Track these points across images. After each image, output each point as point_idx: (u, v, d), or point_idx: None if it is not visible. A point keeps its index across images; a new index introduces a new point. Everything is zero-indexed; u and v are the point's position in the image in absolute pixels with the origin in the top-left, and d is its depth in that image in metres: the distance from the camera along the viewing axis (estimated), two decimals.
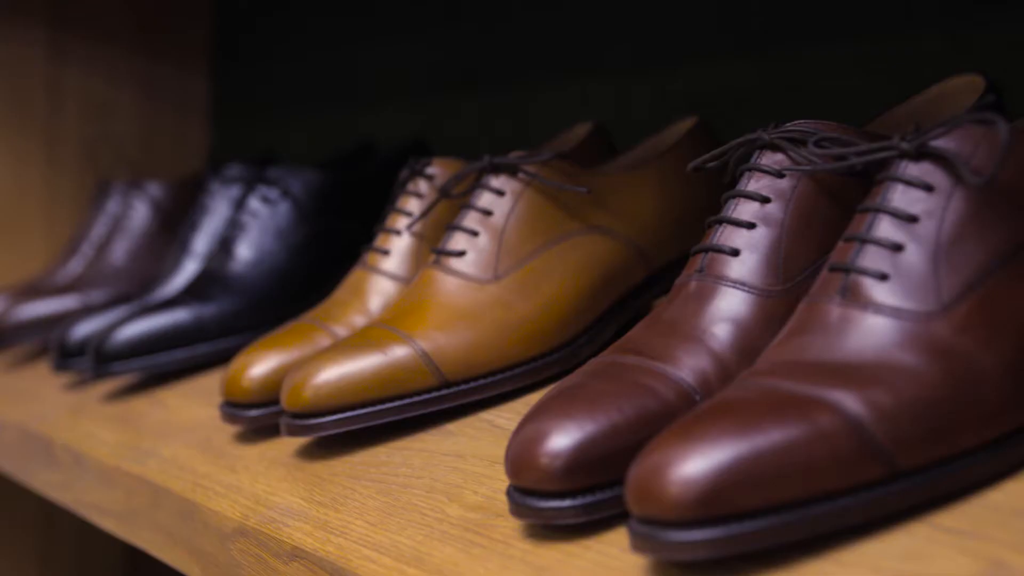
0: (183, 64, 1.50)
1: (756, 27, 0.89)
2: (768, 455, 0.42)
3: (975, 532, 0.42)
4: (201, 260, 0.98)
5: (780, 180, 0.54)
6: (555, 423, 0.50)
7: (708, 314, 0.53)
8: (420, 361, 0.66)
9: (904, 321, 0.46)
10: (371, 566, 0.53)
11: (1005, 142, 0.45)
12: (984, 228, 0.47)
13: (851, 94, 0.82)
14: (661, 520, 0.43)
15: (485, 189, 0.71)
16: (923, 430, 0.44)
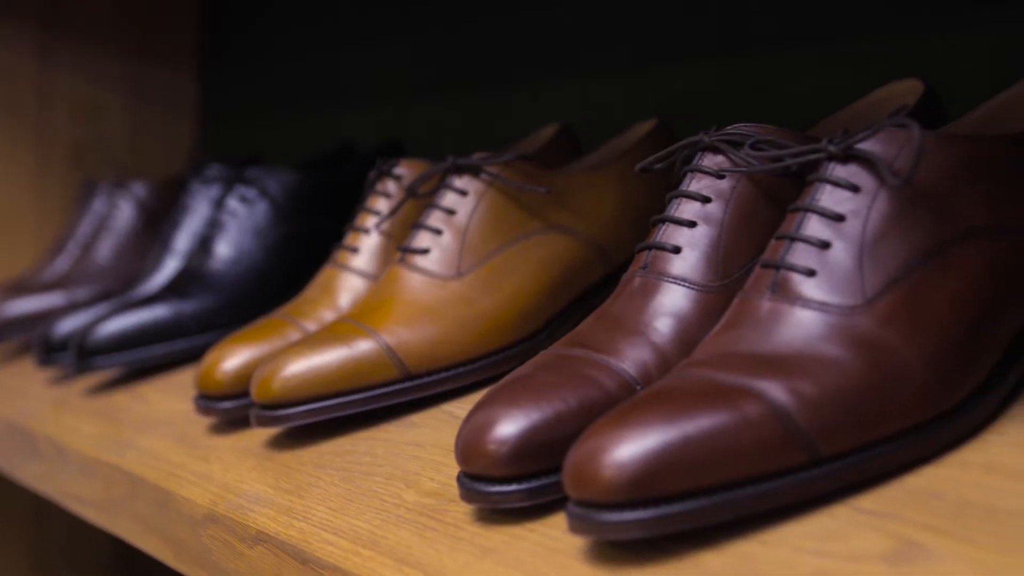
0: (172, 66, 1.52)
1: (721, 32, 0.91)
2: (696, 441, 0.44)
3: (892, 513, 0.44)
4: (182, 258, 1.00)
5: (720, 181, 0.56)
6: (502, 412, 0.52)
7: (650, 309, 0.55)
8: (384, 355, 0.68)
9: (830, 315, 0.48)
10: (329, 548, 0.55)
11: (918, 145, 0.47)
12: (907, 227, 0.49)
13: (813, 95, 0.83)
14: (596, 503, 0.45)
15: (449, 189, 0.72)
16: (845, 418, 0.46)
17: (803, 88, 0.84)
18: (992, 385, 0.49)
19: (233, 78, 1.56)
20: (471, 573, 0.48)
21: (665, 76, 0.95)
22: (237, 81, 1.56)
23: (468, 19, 1.18)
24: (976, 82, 0.65)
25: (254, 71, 1.55)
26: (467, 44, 1.19)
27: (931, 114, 0.61)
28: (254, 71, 1.55)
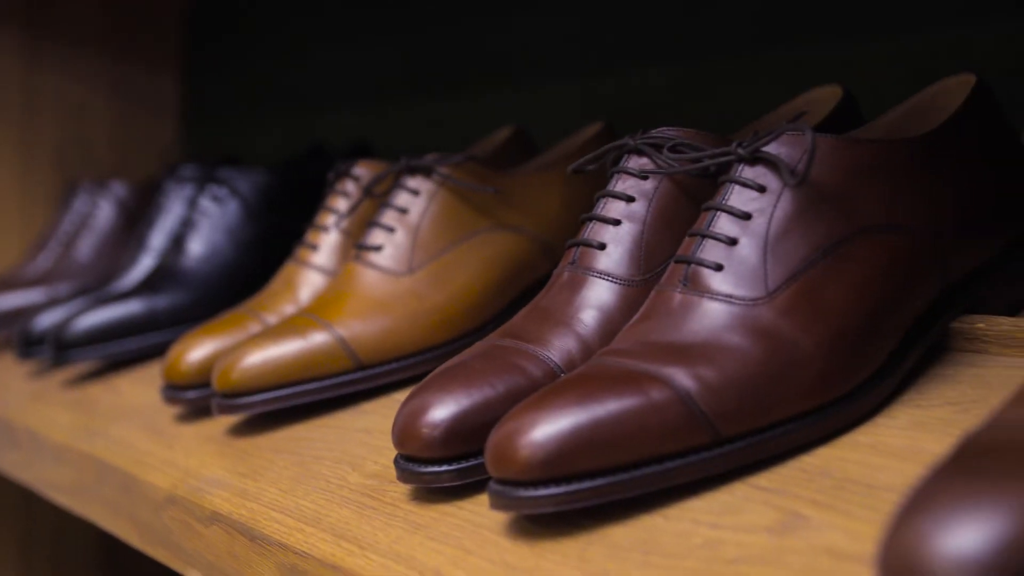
0: (155, 69, 1.55)
1: (672, 39, 0.94)
2: (605, 423, 0.48)
3: (784, 490, 0.47)
4: (156, 255, 1.03)
5: (644, 181, 0.60)
6: (435, 398, 0.55)
7: (577, 302, 0.58)
8: (338, 346, 0.71)
9: (734, 306, 0.51)
10: (276, 526, 0.58)
11: (810, 148, 0.50)
12: (807, 225, 0.52)
13: (752, 99, 0.87)
14: (514, 480, 0.48)
15: (402, 189, 0.76)
16: (744, 402, 0.49)
17: (743, 92, 0.87)
18: (886, 372, 0.52)
19: (215, 80, 1.59)
20: (401, 547, 0.52)
21: (619, 81, 0.98)
22: (219, 83, 1.59)
23: (441, 23, 1.21)
24: (900, 87, 0.69)
25: (236, 73, 1.58)
26: (439, 48, 1.22)
27: (849, 118, 0.64)
28: (236, 73, 1.58)
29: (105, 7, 1.49)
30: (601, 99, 1.00)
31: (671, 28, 0.95)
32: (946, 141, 0.56)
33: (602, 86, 1.00)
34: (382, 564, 0.51)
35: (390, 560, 0.51)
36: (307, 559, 0.55)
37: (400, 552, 0.51)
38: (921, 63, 0.74)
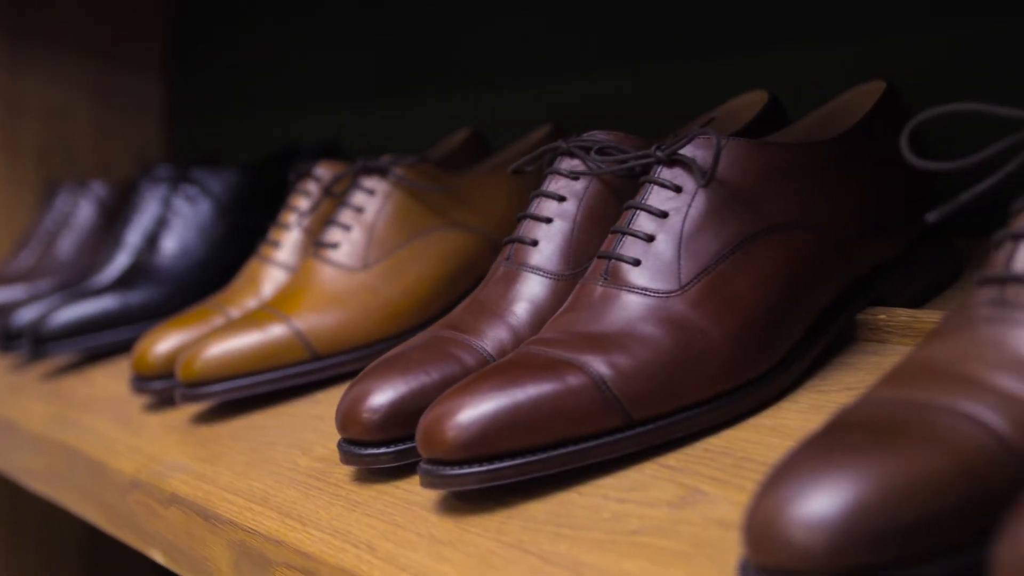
0: (138, 71, 1.59)
1: (628, 44, 0.98)
2: (525, 407, 0.51)
3: (688, 468, 0.51)
4: (131, 253, 1.06)
5: (575, 182, 0.63)
6: (375, 385, 0.59)
7: (510, 295, 0.62)
8: (295, 338, 0.74)
9: (649, 298, 0.54)
10: (228, 506, 0.62)
11: (716, 151, 0.54)
12: (720, 222, 0.56)
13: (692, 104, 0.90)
14: (441, 460, 0.52)
15: (359, 189, 0.79)
16: (655, 388, 0.52)
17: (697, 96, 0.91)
18: (791, 360, 0.56)
19: (197, 83, 1.63)
20: (340, 523, 0.55)
21: (572, 85, 1.02)
22: (201, 85, 1.62)
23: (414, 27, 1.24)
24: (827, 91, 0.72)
25: (218, 76, 1.61)
26: (413, 51, 1.26)
27: (773, 121, 0.67)
28: (218, 76, 1.61)
29: (89, 12, 1.52)
30: (563, 103, 1.04)
31: (628, 34, 0.98)
32: (854, 144, 0.59)
33: (566, 89, 1.03)
34: (321, 538, 0.54)
35: (328, 535, 0.54)
36: (254, 535, 0.58)
37: (338, 527, 0.55)
38: (849, 70, 0.77)
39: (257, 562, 0.58)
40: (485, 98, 1.15)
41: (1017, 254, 0.41)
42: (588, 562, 0.45)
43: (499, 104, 1.13)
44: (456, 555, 0.49)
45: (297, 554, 0.54)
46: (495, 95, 1.13)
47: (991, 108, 0.43)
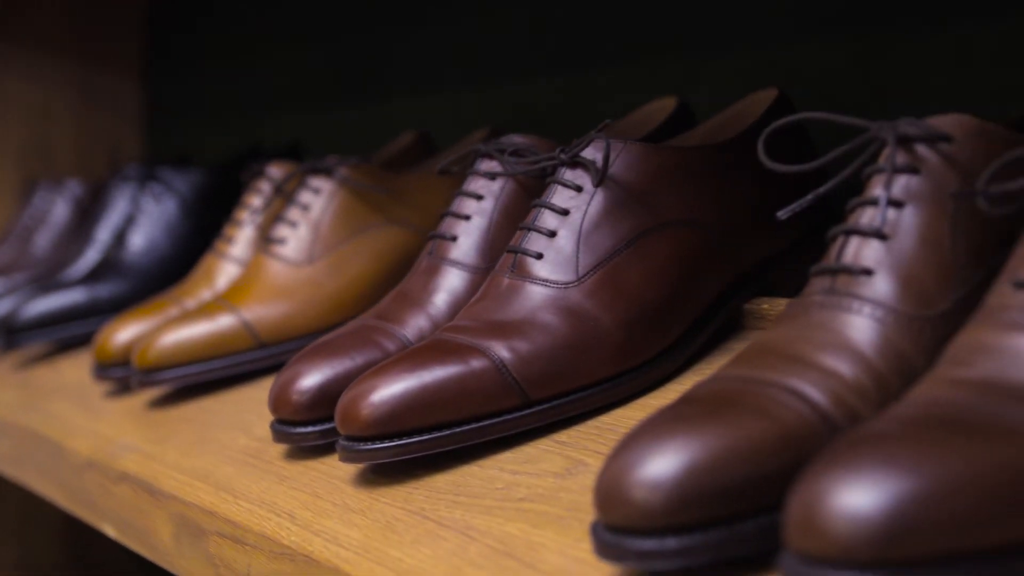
0: (117, 73, 1.63)
1: (558, 51, 1.02)
2: (431, 388, 0.56)
3: (577, 443, 0.55)
4: (101, 249, 1.11)
5: (492, 182, 0.68)
6: (304, 369, 0.63)
7: (431, 286, 0.66)
8: (243, 328, 0.79)
9: (550, 289, 0.59)
10: (172, 482, 0.66)
11: (605, 154, 0.58)
12: (616, 219, 0.60)
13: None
14: (357, 437, 0.56)
15: (306, 188, 0.84)
16: (551, 371, 0.57)
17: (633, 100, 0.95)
18: (680, 346, 0.60)
19: (174, 84, 1.67)
20: (267, 495, 0.60)
21: (517, 90, 1.06)
22: (178, 87, 1.67)
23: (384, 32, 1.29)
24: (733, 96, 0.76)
25: (194, 77, 1.65)
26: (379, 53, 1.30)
27: (681, 125, 0.72)
28: (194, 77, 1.65)
29: (68, 14, 1.56)
30: (500, 106, 1.08)
31: (568, 39, 1.03)
32: (743, 148, 0.64)
33: (501, 94, 1.08)
34: (249, 509, 0.59)
35: (255, 506, 0.59)
36: (192, 508, 0.63)
37: (265, 499, 0.59)
38: (753, 77, 0.82)
39: (193, 532, 0.62)
40: (447, 100, 1.20)
41: (846, 248, 0.46)
42: (476, 525, 0.50)
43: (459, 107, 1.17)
44: (365, 521, 0.54)
45: (227, 523, 0.59)
46: (454, 98, 1.18)
47: (834, 116, 0.48)
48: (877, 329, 0.44)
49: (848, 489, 0.34)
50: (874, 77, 0.78)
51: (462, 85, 1.17)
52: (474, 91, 1.15)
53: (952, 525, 0.34)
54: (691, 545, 0.40)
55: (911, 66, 0.76)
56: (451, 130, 1.04)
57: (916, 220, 0.45)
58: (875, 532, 0.34)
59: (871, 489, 0.34)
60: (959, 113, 0.47)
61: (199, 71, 1.64)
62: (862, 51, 0.79)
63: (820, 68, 0.81)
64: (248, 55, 1.54)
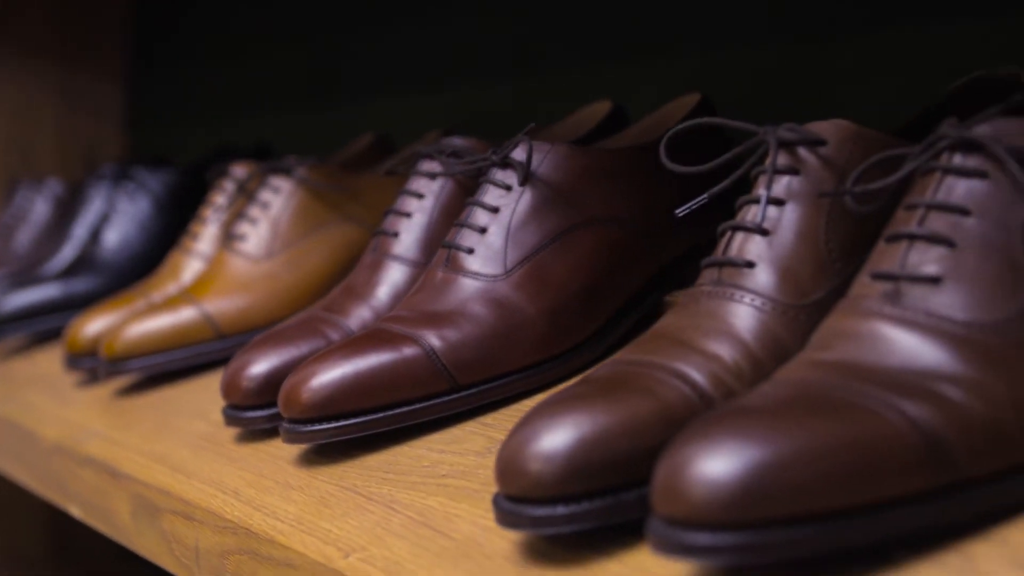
0: (99, 74, 1.66)
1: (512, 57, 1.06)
2: (366, 374, 0.59)
3: (501, 425, 0.59)
4: (77, 246, 1.14)
5: (433, 181, 0.71)
6: (253, 357, 0.67)
7: (374, 280, 0.70)
8: (204, 321, 0.83)
9: (479, 281, 0.63)
10: (132, 465, 0.70)
11: (528, 154, 0.62)
12: (543, 216, 0.64)
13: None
14: (298, 419, 0.60)
15: (267, 187, 0.87)
16: (478, 358, 0.61)
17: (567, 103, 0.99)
18: (602, 335, 0.64)
19: (156, 85, 1.70)
20: (216, 475, 0.63)
21: (471, 94, 1.10)
22: (159, 88, 1.70)
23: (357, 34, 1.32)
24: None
25: (175, 79, 1.69)
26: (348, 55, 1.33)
27: (615, 127, 0.76)
28: (175, 79, 1.69)
29: (50, 19, 1.60)
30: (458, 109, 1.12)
31: (519, 45, 1.06)
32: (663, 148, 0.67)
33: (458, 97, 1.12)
34: (199, 488, 0.63)
35: (206, 485, 0.63)
36: (148, 488, 0.66)
37: (214, 478, 0.63)
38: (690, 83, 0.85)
39: (149, 510, 0.66)
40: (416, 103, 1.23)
41: (732, 242, 0.49)
42: (400, 499, 0.54)
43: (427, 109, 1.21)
44: (302, 497, 0.57)
45: (179, 501, 0.63)
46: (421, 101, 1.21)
47: (725, 122, 0.52)
48: (757, 317, 0.47)
49: (706, 458, 0.38)
50: (799, 82, 0.82)
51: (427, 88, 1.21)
52: (436, 94, 1.19)
53: (799, 491, 0.38)
54: (579, 512, 0.43)
55: (835, 70, 0.80)
56: (419, 132, 1.07)
57: (795, 217, 0.49)
58: (728, 497, 0.37)
59: (726, 458, 0.38)
60: (840, 119, 0.50)
61: (179, 74, 1.67)
62: (790, 56, 0.82)
63: (751, 72, 0.84)
64: (227, 58, 1.58)
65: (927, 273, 0.42)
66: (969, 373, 0.40)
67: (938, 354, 0.41)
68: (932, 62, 0.75)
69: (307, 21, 1.41)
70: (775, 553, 0.37)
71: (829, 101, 0.81)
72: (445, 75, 1.17)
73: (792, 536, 0.38)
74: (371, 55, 1.29)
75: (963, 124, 0.44)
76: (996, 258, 0.42)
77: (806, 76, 0.82)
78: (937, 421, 0.39)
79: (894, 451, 0.38)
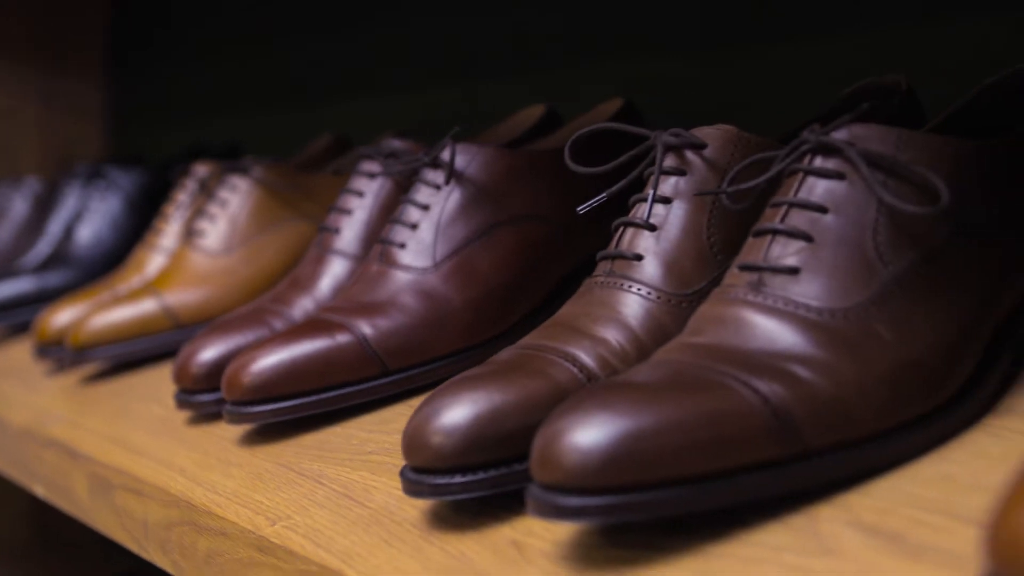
0: (79, 77, 1.70)
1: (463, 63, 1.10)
2: (301, 360, 0.63)
3: None
4: (51, 242, 1.18)
5: (372, 180, 0.75)
6: (202, 345, 0.71)
7: (318, 273, 0.74)
8: (163, 312, 0.87)
9: (410, 274, 0.67)
10: (90, 446, 0.74)
11: (451, 155, 0.66)
12: (470, 213, 0.68)
13: None
14: (239, 401, 0.64)
15: (225, 185, 0.91)
16: (407, 344, 0.65)
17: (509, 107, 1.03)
18: (523, 325, 0.68)
19: (134, 87, 1.74)
20: (166, 454, 0.67)
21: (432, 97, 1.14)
22: (138, 90, 1.74)
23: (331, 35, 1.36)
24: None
25: (153, 80, 1.72)
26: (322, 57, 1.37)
27: (549, 129, 0.80)
28: (153, 80, 1.72)
29: (31, 22, 1.63)
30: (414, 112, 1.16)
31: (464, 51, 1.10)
32: (585, 150, 0.71)
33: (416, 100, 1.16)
34: (149, 466, 0.67)
35: (155, 463, 0.67)
36: (104, 467, 0.70)
37: (163, 457, 0.67)
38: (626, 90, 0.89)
39: (103, 487, 0.70)
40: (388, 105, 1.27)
41: (623, 237, 0.53)
42: (328, 474, 0.58)
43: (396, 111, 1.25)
44: (240, 473, 0.61)
45: (130, 478, 0.67)
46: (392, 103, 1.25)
47: (622, 126, 0.56)
48: (643, 305, 0.52)
49: (577, 429, 0.42)
50: (723, 86, 0.86)
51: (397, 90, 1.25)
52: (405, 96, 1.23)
53: (659, 459, 0.42)
54: (475, 481, 0.48)
55: (756, 77, 0.84)
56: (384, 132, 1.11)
57: (680, 214, 0.53)
58: (596, 464, 0.41)
59: (595, 430, 0.41)
60: (726, 124, 0.54)
61: (157, 75, 1.71)
62: (714, 62, 0.87)
63: (676, 78, 0.89)
64: (203, 60, 1.62)
65: (787, 264, 0.46)
66: (820, 355, 0.44)
67: (794, 337, 0.45)
68: (839, 68, 0.79)
69: (283, 24, 1.45)
70: (639, 514, 0.41)
71: (757, 105, 0.85)
72: (414, 78, 1.21)
73: (654, 499, 0.41)
74: (342, 58, 1.33)
75: (823, 129, 0.48)
76: (849, 251, 0.46)
77: (731, 81, 0.86)
78: (786, 398, 0.43)
79: (746, 424, 0.42)
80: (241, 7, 1.51)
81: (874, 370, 0.44)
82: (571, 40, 1.00)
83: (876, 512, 0.41)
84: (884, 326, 0.45)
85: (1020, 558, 0.30)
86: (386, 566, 0.47)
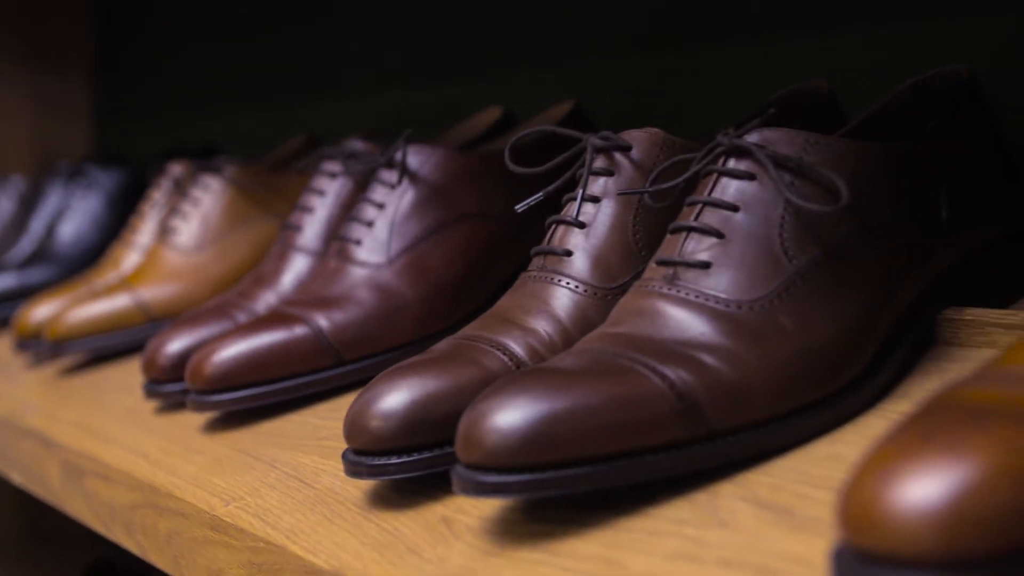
0: (67, 78, 1.73)
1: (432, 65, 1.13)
2: (259, 351, 0.67)
3: None
4: (34, 239, 1.21)
5: (333, 180, 0.79)
6: (170, 337, 0.74)
7: (280, 268, 0.78)
8: (136, 307, 0.90)
9: (365, 269, 0.70)
10: (63, 435, 0.77)
11: (403, 156, 0.69)
12: (423, 211, 0.71)
13: None
14: (201, 390, 0.67)
15: (198, 185, 0.95)
16: (362, 336, 0.68)
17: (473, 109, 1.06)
18: (474, 317, 0.71)
19: (121, 87, 1.77)
20: (132, 440, 0.71)
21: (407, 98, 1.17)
22: (124, 90, 1.77)
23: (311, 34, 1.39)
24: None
25: (140, 81, 1.76)
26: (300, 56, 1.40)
27: (504, 130, 0.83)
28: (140, 81, 1.76)
29: (19, 23, 1.67)
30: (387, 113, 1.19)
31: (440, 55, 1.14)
32: (535, 151, 0.75)
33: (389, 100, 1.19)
34: (116, 452, 0.70)
35: (122, 450, 0.70)
36: (75, 454, 0.73)
37: (129, 443, 0.70)
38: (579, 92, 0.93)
39: (74, 473, 0.73)
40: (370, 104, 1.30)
41: (555, 233, 0.57)
42: (281, 458, 0.61)
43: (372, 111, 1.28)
44: (201, 459, 0.65)
45: (99, 464, 0.70)
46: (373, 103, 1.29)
47: (557, 129, 0.59)
48: (572, 298, 0.55)
49: (497, 412, 0.45)
50: (671, 90, 0.89)
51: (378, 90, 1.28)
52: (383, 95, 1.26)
53: (573, 439, 0.45)
54: (409, 462, 0.51)
55: (701, 81, 0.87)
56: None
57: (608, 212, 0.56)
58: (514, 444, 0.45)
59: (513, 412, 0.45)
60: (652, 128, 0.58)
61: (142, 76, 1.74)
62: (661, 67, 0.90)
63: (624, 83, 0.92)
64: (187, 61, 1.65)
65: (699, 259, 0.50)
66: (726, 344, 0.48)
67: (703, 327, 0.48)
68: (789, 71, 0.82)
69: (262, 27, 1.48)
70: (554, 490, 0.45)
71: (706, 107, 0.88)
72: (390, 80, 1.25)
73: (567, 476, 0.45)
74: (320, 60, 1.36)
75: (735, 132, 0.51)
76: (758, 247, 0.50)
77: (681, 85, 0.89)
78: (692, 383, 0.46)
79: (654, 408, 0.46)
80: (223, 11, 1.54)
81: (776, 358, 0.48)
82: (529, 45, 1.03)
83: (770, 488, 0.44)
84: (787, 317, 0.49)
85: (867, 525, 0.33)
86: (326, 541, 0.50)
